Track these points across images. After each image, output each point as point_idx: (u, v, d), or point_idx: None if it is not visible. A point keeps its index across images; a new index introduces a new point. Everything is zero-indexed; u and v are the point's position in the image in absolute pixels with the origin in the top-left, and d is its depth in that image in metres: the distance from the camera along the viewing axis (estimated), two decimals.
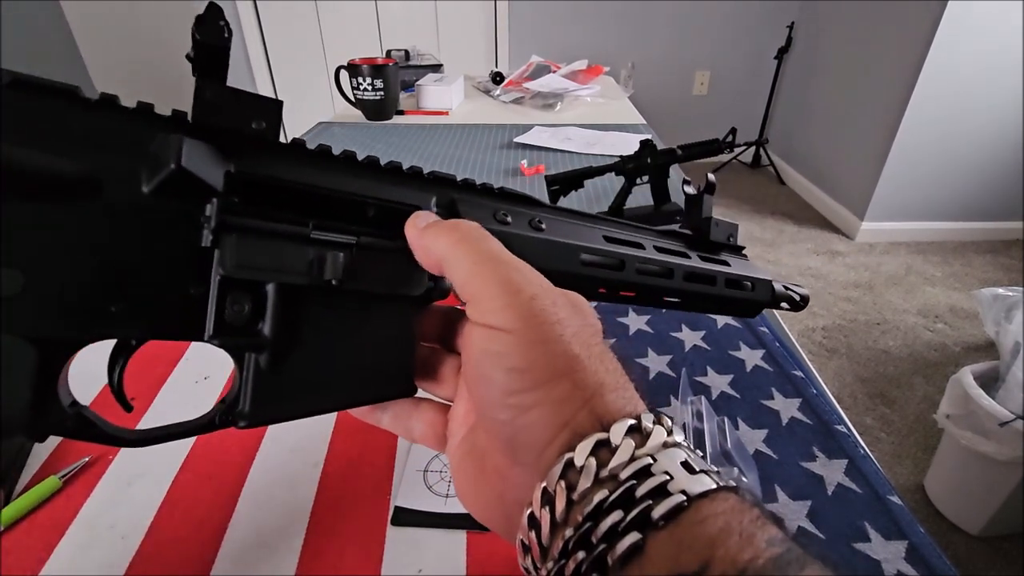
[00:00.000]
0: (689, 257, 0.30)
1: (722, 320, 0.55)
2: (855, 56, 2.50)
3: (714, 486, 0.16)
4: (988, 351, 1.74)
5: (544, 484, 0.17)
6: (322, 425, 0.43)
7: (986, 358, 1.20)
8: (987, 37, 2.00)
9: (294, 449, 0.41)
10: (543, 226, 0.26)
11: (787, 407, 0.44)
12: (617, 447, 0.16)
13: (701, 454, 0.18)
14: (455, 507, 0.37)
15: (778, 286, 0.34)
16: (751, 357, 0.50)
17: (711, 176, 0.35)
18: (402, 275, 0.22)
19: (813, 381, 0.48)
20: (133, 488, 0.38)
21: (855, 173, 2.47)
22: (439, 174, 0.24)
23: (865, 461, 0.39)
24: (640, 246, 0.29)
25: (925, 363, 1.71)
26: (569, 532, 0.16)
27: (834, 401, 0.46)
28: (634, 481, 0.16)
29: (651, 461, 0.16)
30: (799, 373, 0.48)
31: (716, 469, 0.17)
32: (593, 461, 0.16)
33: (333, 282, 0.20)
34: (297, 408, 0.21)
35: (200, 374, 0.48)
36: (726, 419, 0.42)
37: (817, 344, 1.80)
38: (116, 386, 0.21)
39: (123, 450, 0.41)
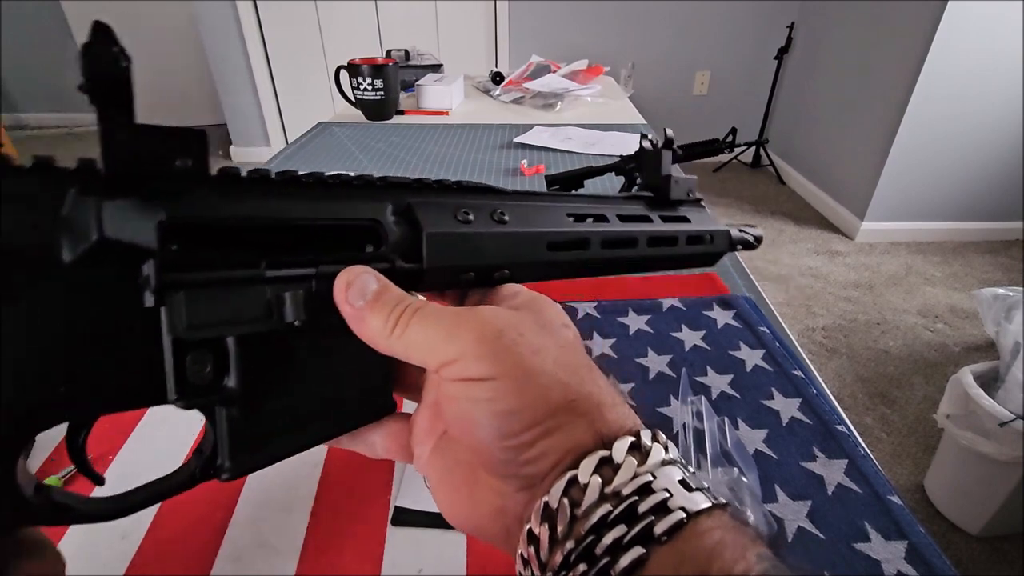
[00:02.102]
0: (651, 220, 0.30)
1: (722, 320, 0.55)
2: (855, 56, 2.50)
3: (709, 504, 0.16)
4: (988, 351, 1.74)
5: (547, 499, 0.17)
6: None
7: (986, 358, 1.20)
8: (987, 37, 2.00)
9: None
10: (506, 217, 0.25)
11: (787, 407, 0.44)
12: (620, 465, 0.17)
13: (693, 471, 0.18)
14: None
15: (734, 232, 0.35)
16: (751, 357, 0.50)
17: (669, 131, 0.35)
18: None
19: (813, 381, 0.48)
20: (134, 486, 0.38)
21: (855, 173, 2.47)
22: (391, 179, 0.23)
23: (865, 461, 0.39)
24: (604, 218, 0.28)
25: (925, 363, 1.71)
26: (571, 545, 0.16)
27: (834, 401, 0.46)
28: (636, 498, 0.16)
29: (652, 478, 0.17)
30: (799, 373, 0.48)
31: (708, 486, 0.17)
32: (598, 479, 0.17)
33: (296, 324, 0.19)
34: (279, 450, 0.20)
35: None
36: (726, 419, 0.42)
37: (817, 344, 1.80)
38: (81, 465, 0.20)
39: (123, 449, 0.41)
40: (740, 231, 0.36)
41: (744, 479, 0.36)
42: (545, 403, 0.18)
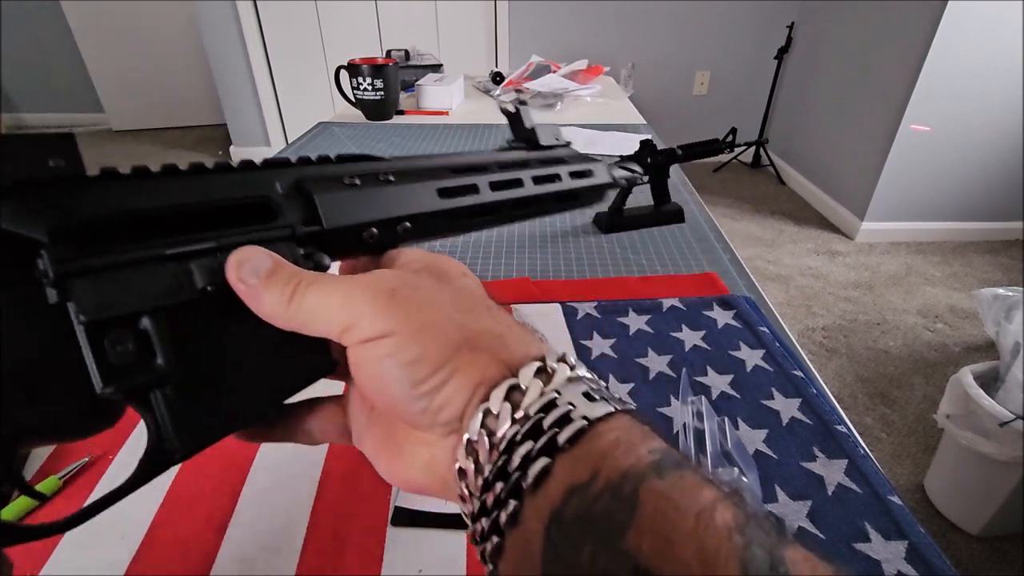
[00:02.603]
0: (530, 163, 0.32)
1: (722, 320, 0.55)
2: (855, 56, 2.50)
3: (611, 410, 0.17)
4: (988, 351, 1.74)
5: (467, 436, 0.18)
6: None
7: (986, 358, 1.20)
8: (987, 38, 2.00)
9: (295, 449, 0.41)
10: (391, 178, 0.26)
11: (787, 407, 0.44)
12: (527, 389, 0.18)
13: (605, 385, 0.19)
14: (455, 507, 0.36)
15: (613, 167, 0.38)
16: (751, 357, 0.50)
17: (522, 96, 0.36)
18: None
19: (813, 381, 0.48)
20: None
21: (855, 173, 2.47)
22: (273, 160, 0.23)
23: (865, 461, 0.39)
24: (485, 167, 0.30)
25: (925, 363, 1.71)
26: (488, 468, 0.17)
27: (834, 401, 0.46)
28: (542, 415, 0.17)
29: (556, 395, 0.18)
30: (799, 373, 0.48)
31: (617, 397, 0.19)
32: (508, 405, 0.18)
33: (208, 289, 0.19)
34: (228, 423, 0.20)
35: None
36: (726, 419, 0.42)
37: (817, 344, 1.80)
38: (21, 485, 0.20)
39: (124, 449, 0.41)
40: (620, 167, 0.38)
41: (744, 479, 0.36)
42: (444, 344, 0.19)
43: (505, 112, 0.35)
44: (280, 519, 0.36)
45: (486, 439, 0.17)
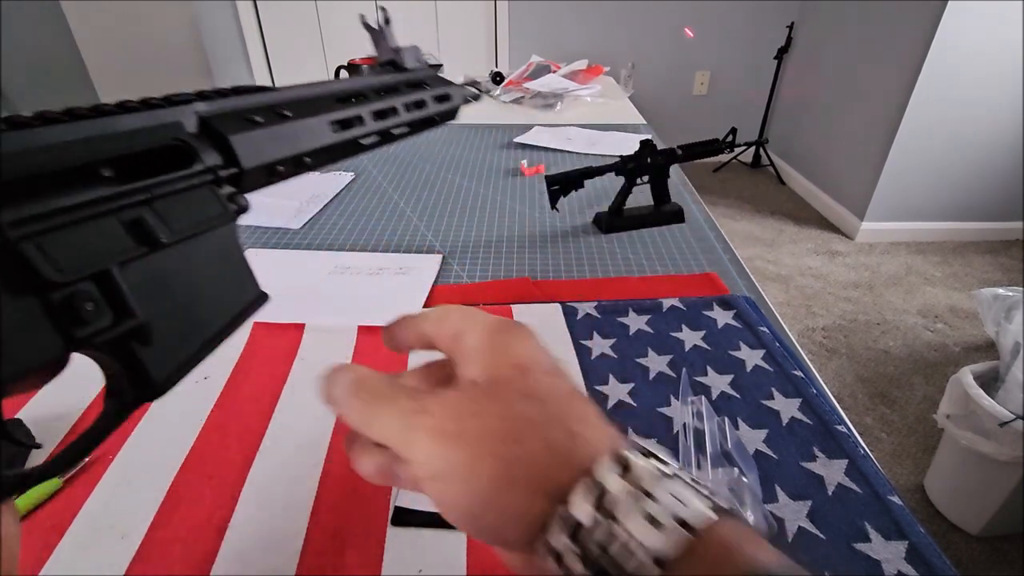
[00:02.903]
0: (400, 89, 0.36)
1: (722, 320, 0.55)
2: (855, 56, 2.50)
3: (714, 513, 0.17)
4: (988, 351, 1.74)
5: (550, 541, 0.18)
6: (323, 424, 0.43)
7: (986, 358, 1.20)
8: (987, 37, 2.00)
9: (295, 449, 0.41)
10: (287, 112, 0.27)
11: (787, 407, 0.44)
12: (615, 492, 0.17)
13: (693, 479, 0.19)
14: None
15: (463, 88, 0.43)
16: (751, 357, 0.50)
17: (384, 10, 0.39)
18: (209, 205, 0.23)
19: (813, 381, 0.48)
20: (133, 487, 0.38)
21: (855, 173, 2.47)
22: (173, 97, 0.23)
23: (865, 461, 0.39)
24: (365, 96, 0.33)
25: (925, 363, 1.71)
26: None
27: (834, 401, 0.46)
28: (602, 548, 0.17)
29: (650, 495, 0.17)
30: (799, 373, 0.48)
31: (713, 493, 0.18)
32: (590, 510, 0.17)
33: (163, 240, 0.20)
34: (190, 356, 0.22)
35: (200, 374, 0.48)
36: (726, 419, 0.42)
37: (817, 344, 1.80)
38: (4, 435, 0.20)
39: (124, 449, 0.41)
40: (467, 88, 0.44)
41: (744, 479, 0.36)
42: (492, 486, 0.18)
43: (367, 27, 0.38)
44: (280, 519, 0.36)
45: (575, 547, 0.17)
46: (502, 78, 1.59)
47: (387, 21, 0.38)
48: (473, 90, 0.44)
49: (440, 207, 0.83)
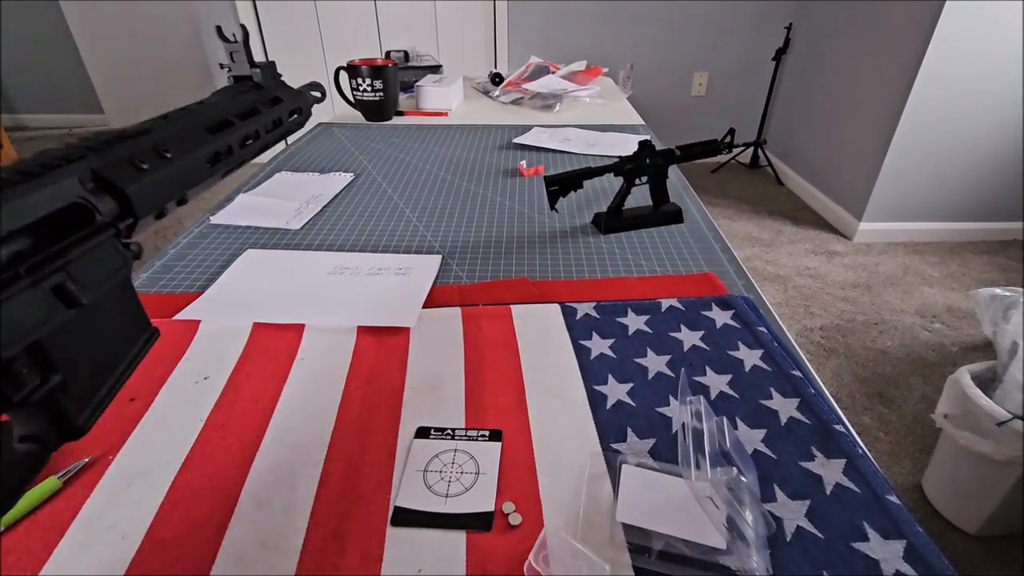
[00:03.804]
0: (260, 111, 0.39)
1: (721, 320, 0.55)
2: (853, 57, 2.50)
3: None
4: (985, 351, 1.74)
5: None
6: (323, 424, 0.43)
7: (983, 358, 1.20)
8: (985, 38, 2.00)
9: (294, 448, 0.41)
10: (168, 154, 0.29)
11: (785, 407, 0.44)
12: None
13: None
14: (455, 507, 0.37)
15: (308, 93, 0.48)
16: (750, 357, 0.50)
17: (243, 26, 0.42)
18: (111, 258, 0.25)
19: (811, 381, 0.48)
20: (133, 488, 0.38)
21: (853, 174, 2.48)
22: (65, 153, 0.24)
23: (863, 461, 0.39)
24: (231, 124, 0.36)
25: (923, 363, 1.72)
26: None
27: (832, 401, 0.46)
28: None
29: None
30: (797, 373, 0.48)
31: None
32: None
33: (84, 302, 0.22)
34: (103, 398, 0.24)
35: (200, 374, 0.48)
36: (725, 419, 0.42)
37: (815, 344, 1.80)
38: None
39: (123, 450, 0.41)
40: (311, 92, 0.48)
41: (743, 479, 0.36)
42: None
43: (223, 39, 0.41)
44: (280, 519, 0.36)
45: None
46: (501, 79, 1.59)
47: (246, 36, 0.42)
48: (317, 93, 0.49)
49: (439, 208, 0.83)
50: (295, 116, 0.44)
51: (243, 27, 0.42)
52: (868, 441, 1.43)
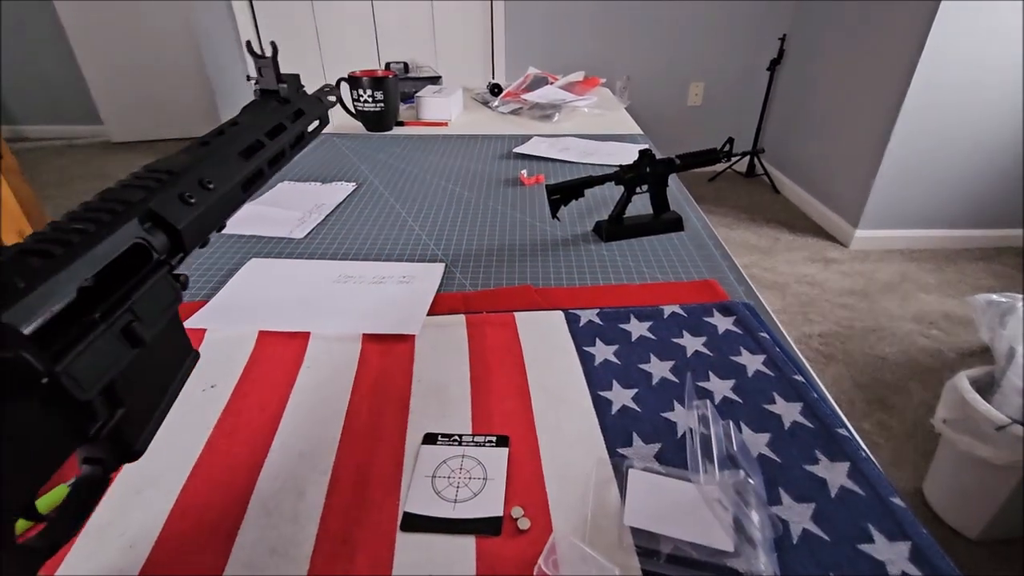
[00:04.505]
0: (284, 126, 0.40)
1: (723, 326, 0.56)
2: (847, 66, 2.54)
3: None
4: (983, 356, 1.75)
5: None
6: (330, 431, 0.43)
7: (981, 363, 1.21)
8: (979, 45, 2.03)
9: (303, 455, 0.41)
10: (211, 185, 0.31)
11: (789, 411, 0.45)
12: None
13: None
14: (464, 512, 0.37)
15: (328, 98, 0.50)
16: (752, 362, 0.51)
17: (273, 43, 0.44)
18: (166, 293, 0.26)
19: (814, 385, 0.48)
20: (142, 496, 0.38)
21: (848, 182, 2.50)
22: (124, 195, 0.26)
23: (867, 463, 0.40)
24: (261, 144, 0.37)
25: (921, 369, 1.72)
26: None
27: (835, 404, 0.47)
28: None
29: None
30: (800, 378, 0.48)
31: None
32: None
33: (147, 340, 0.24)
34: (157, 421, 0.27)
35: (207, 382, 0.49)
36: (731, 423, 0.42)
37: (814, 351, 1.81)
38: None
39: None
40: (330, 96, 0.50)
41: (750, 481, 0.37)
42: None
43: (253, 55, 0.42)
44: (289, 526, 0.36)
45: None
46: (500, 89, 1.61)
47: (275, 52, 0.43)
48: (332, 98, 0.51)
49: (442, 217, 0.83)
50: (315, 125, 0.46)
51: (273, 44, 0.44)
52: (869, 447, 1.42)
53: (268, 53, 0.42)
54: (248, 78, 0.42)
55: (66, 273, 0.21)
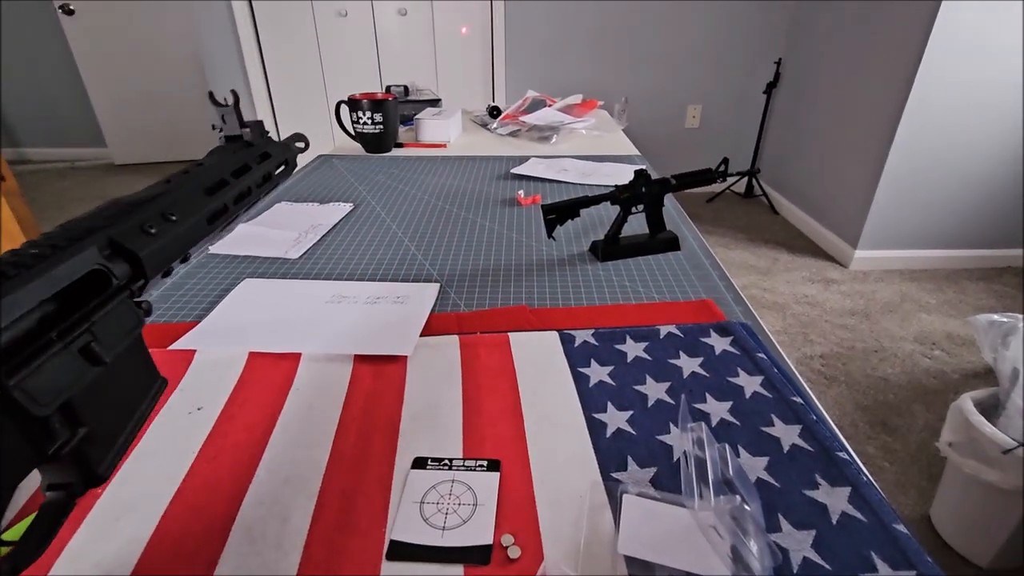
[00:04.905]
0: (250, 167, 0.43)
1: (720, 347, 0.55)
2: (842, 90, 2.57)
3: None
4: (987, 377, 1.73)
5: None
6: (317, 454, 0.42)
7: (985, 384, 1.19)
8: (975, 64, 2.06)
9: (288, 480, 0.40)
10: (174, 216, 0.32)
11: (787, 434, 0.44)
12: None
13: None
14: (452, 540, 0.36)
15: (293, 145, 0.51)
16: (750, 383, 0.50)
17: (233, 91, 0.46)
18: (128, 317, 0.27)
19: (812, 407, 0.47)
20: (121, 523, 0.37)
21: (846, 202, 2.51)
22: (86, 223, 0.27)
23: (869, 488, 0.39)
24: (226, 183, 0.39)
25: (924, 390, 1.70)
26: None
27: (834, 427, 0.46)
28: None
29: None
30: (798, 399, 0.47)
31: None
32: None
33: (107, 360, 0.24)
34: (121, 446, 0.27)
35: (193, 405, 0.48)
36: (727, 446, 0.41)
37: (816, 372, 1.79)
38: None
39: (112, 485, 0.40)
40: (296, 144, 0.52)
41: (747, 507, 0.36)
42: None
43: (215, 103, 0.44)
44: (272, 554, 0.35)
45: None
46: (499, 112, 1.62)
47: (237, 100, 0.45)
48: (301, 144, 0.52)
49: (438, 237, 0.83)
50: (282, 168, 0.48)
51: (234, 92, 0.46)
52: (873, 471, 1.41)
53: (230, 101, 0.44)
54: (213, 127, 0.44)
55: (22, 292, 0.21)
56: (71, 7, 3.36)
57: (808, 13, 2.84)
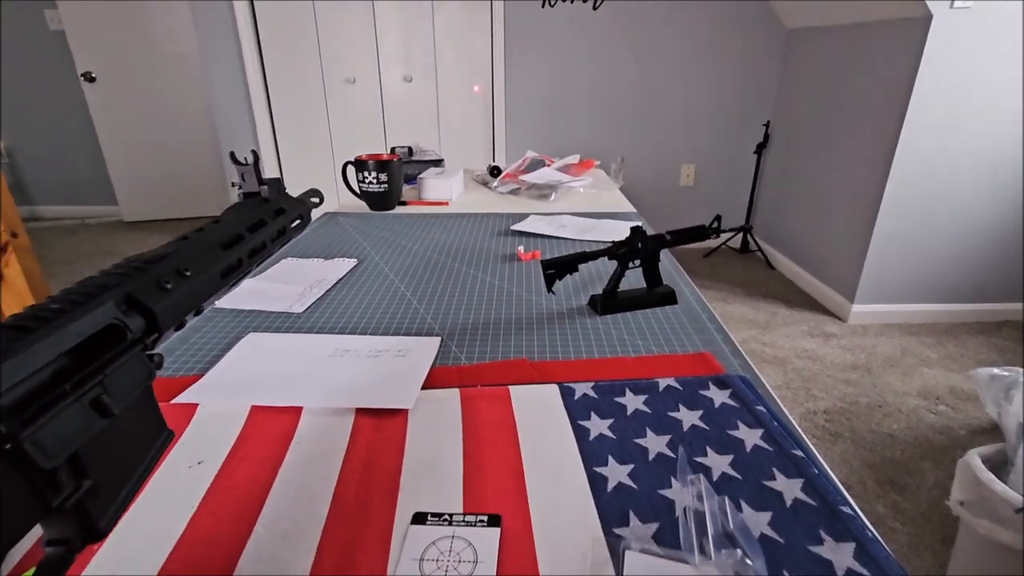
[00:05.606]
0: (266, 223, 0.44)
1: (719, 399, 0.55)
2: (829, 148, 2.67)
3: None
4: (994, 433, 1.71)
5: None
6: (317, 509, 0.42)
7: (991, 440, 1.18)
8: (962, 119, 2.14)
9: (287, 536, 0.40)
10: (188, 272, 0.33)
11: (790, 488, 0.44)
12: None
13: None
14: None
15: (308, 201, 0.52)
16: (750, 436, 0.50)
17: (254, 151, 0.47)
18: (139, 370, 0.27)
19: (814, 460, 0.47)
20: None
21: (841, 257, 2.55)
22: (103, 280, 0.28)
23: (874, 544, 0.38)
24: (241, 237, 0.40)
25: (932, 447, 1.67)
26: None
27: (836, 481, 0.46)
28: None
29: None
30: (799, 452, 0.47)
31: None
32: None
33: (116, 412, 0.24)
34: (124, 500, 0.26)
35: (194, 459, 0.48)
36: (727, 499, 0.41)
37: (820, 428, 1.76)
38: None
39: (108, 541, 0.40)
40: (311, 199, 0.53)
41: (749, 562, 0.35)
42: None
43: (236, 162, 0.46)
44: None
45: None
46: (499, 171, 1.68)
47: (256, 160, 0.47)
48: (316, 199, 0.54)
49: (440, 291, 0.85)
50: (297, 222, 0.49)
51: (254, 152, 0.49)
52: (884, 532, 1.36)
53: (250, 161, 0.47)
54: (232, 184, 0.46)
55: (43, 345, 0.22)
56: (93, 75, 3.54)
57: (794, 77, 3.00)
